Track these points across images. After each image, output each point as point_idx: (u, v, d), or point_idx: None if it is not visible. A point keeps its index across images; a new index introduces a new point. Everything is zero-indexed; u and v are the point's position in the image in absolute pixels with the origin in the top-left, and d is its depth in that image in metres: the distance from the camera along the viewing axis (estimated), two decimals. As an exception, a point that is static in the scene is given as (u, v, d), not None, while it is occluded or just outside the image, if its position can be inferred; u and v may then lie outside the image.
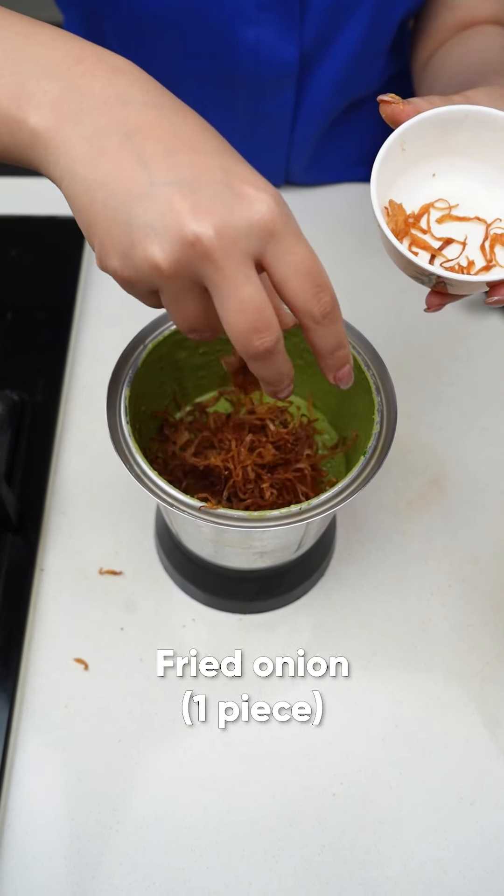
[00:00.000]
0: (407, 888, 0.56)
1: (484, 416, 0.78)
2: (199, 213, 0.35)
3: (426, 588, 0.68)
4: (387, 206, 0.50)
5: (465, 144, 0.50)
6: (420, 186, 0.51)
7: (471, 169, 0.51)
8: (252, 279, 0.37)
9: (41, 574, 0.68)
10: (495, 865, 0.57)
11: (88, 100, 0.38)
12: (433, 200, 0.51)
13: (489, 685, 0.64)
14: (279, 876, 0.56)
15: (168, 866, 0.56)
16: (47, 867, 0.56)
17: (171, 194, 0.36)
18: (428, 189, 0.51)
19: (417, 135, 0.49)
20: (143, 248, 0.36)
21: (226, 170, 0.37)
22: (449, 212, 0.51)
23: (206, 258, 0.36)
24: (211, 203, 0.36)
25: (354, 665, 0.64)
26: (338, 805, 0.59)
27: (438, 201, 0.51)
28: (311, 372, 0.62)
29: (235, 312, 0.37)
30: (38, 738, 0.61)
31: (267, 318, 0.38)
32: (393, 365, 0.59)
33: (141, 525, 0.71)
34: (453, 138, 0.50)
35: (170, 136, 0.37)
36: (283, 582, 0.66)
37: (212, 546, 0.59)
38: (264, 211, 0.36)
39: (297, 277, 0.38)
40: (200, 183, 0.36)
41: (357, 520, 0.72)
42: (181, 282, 0.37)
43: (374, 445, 0.53)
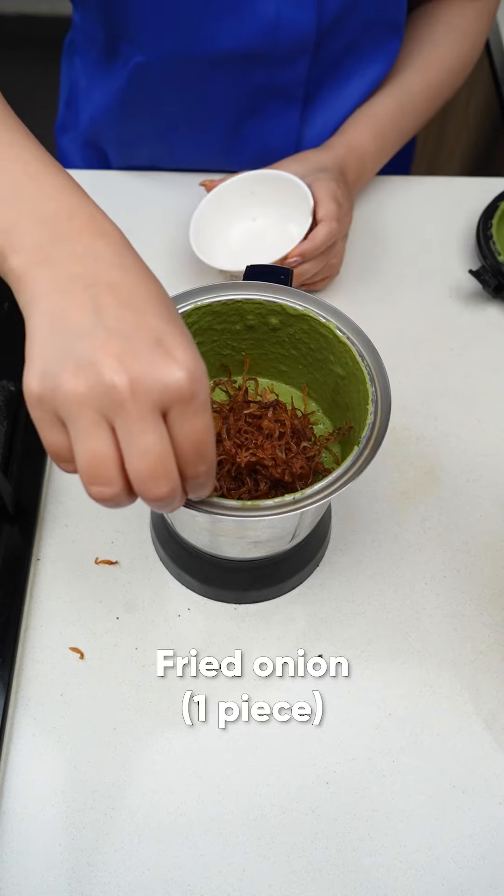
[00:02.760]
0: (399, 875, 0.57)
1: (479, 406, 0.79)
2: (124, 362, 0.39)
3: (420, 578, 0.69)
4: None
5: (270, 195, 0.83)
6: (242, 225, 0.86)
7: (272, 211, 0.84)
8: (158, 430, 0.40)
9: (37, 563, 0.68)
10: (487, 853, 0.57)
11: (68, 252, 0.42)
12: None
13: (482, 674, 0.64)
14: (272, 863, 0.57)
15: (163, 853, 0.57)
16: (43, 854, 0.57)
17: (107, 339, 0.39)
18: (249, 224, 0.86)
19: (232, 191, 0.83)
20: (69, 375, 0.39)
21: (162, 333, 0.40)
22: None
23: (118, 402, 0.39)
24: (137, 356, 0.39)
25: (348, 655, 0.65)
26: (331, 793, 0.59)
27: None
28: (305, 362, 0.63)
29: (137, 456, 0.40)
30: (33, 726, 0.61)
31: (167, 468, 0.41)
32: (388, 356, 0.59)
33: (137, 515, 0.71)
34: (261, 191, 0.84)
35: (125, 295, 0.41)
36: (278, 572, 0.66)
37: (207, 536, 0.59)
38: (179, 379, 0.40)
39: (185, 443, 0.41)
40: (136, 337, 0.40)
41: (352, 510, 0.72)
42: (93, 416, 0.40)
43: (368, 435, 0.53)
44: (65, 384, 0.39)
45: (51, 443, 0.42)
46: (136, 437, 0.40)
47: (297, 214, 0.80)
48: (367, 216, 0.93)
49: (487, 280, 0.83)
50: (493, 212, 0.87)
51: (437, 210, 0.94)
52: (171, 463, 0.41)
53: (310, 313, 0.58)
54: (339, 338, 0.57)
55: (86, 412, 0.39)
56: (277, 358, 0.64)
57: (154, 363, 0.39)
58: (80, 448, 0.41)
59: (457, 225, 0.92)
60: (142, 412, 0.39)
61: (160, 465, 0.40)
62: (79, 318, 0.40)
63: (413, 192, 0.96)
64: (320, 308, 0.58)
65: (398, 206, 0.94)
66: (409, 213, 0.94)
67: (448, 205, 0.94)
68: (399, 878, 0.56)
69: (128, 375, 0.39)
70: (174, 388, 0.39)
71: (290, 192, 0.81)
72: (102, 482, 0.41)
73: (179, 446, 0.41)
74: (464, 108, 1.36)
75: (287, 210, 0.82)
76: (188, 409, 0.40)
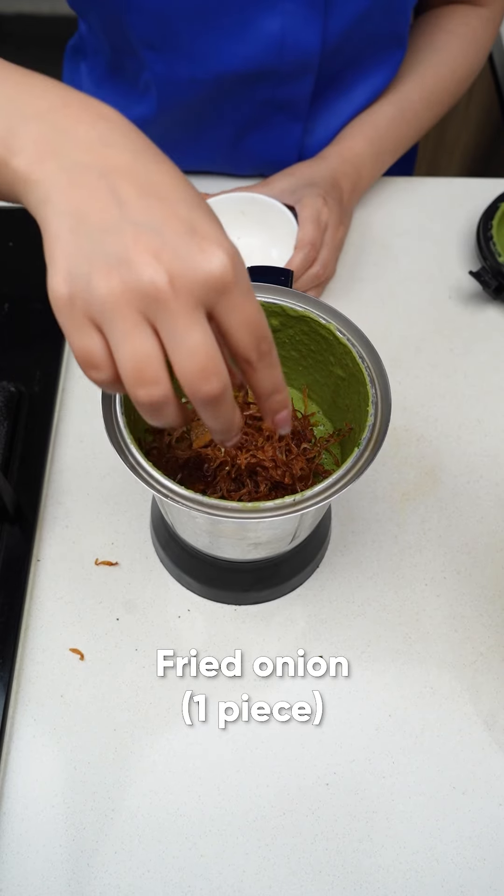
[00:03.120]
0: (399, 876, 0.57)
1: (479, 407, 0.79)
2: (161, 259, 0.37)
3: (420, 579, 0.69)
4: None
5: (257, 218, 0.84)
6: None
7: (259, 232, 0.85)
8: (202, 325, 0.38)
9: (37, 564, 0.68)
10: (487, 854, 0.57)
11: (71, 140, 0.39)
12: None
13: (482, 675, 0.64)
14: (272, 864, 0.57)
15: (163, 854, 0.57)
16: (43, 854, 0.57)
17: (139, 234, 0.37)
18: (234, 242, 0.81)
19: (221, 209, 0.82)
20: (102, 275, 0.37)
21: (192, 221, 0.38)
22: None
23: (161, 301, 0.37)
24: (174, 251, 0.37)
25: (348, 656, 0.65)
26: (331, 794, 0.59)
27: None
28: (305, 364, 0.63)
29: (186, 356, 0.38)
30: (34, 726, 0.61)
31: (216, 364, 0.39)
32: (389, 357, 0.59)
33: (137, 516, 0.71)
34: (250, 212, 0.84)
35: (144, 181, 0.39)
36: (278, 573, 0.66)
37: (207, 537, 0.59)
38: (220, 266, 0.38)
39: (241, 329, 0.40)
40: (167, 230, 0.37)
41: (352, 511, 0.72)
42: (134, 316, 0.38)
43: (369, 437, 0.53)
44: (98, 285, 0.37)
45: (82, 348, 0.39)
46: (183, 336, 0.38)
47: (283, 238, 0.82)
48: (366, 217, 0.93)
49: (487, 281, 0.83)
50: (493, 213, 0.87)
51: (437, 211, 0.94)
52: (220, 358, 0.39)
53: (310, 315, 0.58)
54: (339, 339, 0.57)
55: (126, 312, 0.37)
56: (278, 359, 0.64)
57: (192, 255, 0.37)
58: (123, 351, 0.39)
59: (457, 226, 0.92)
60: (187, 309, 0.37)
61: (210, 361, 0.38)
62: (102, 212, 0.37)
63: (413, 193, 0.96)
64: (320, 309, 0.58)
65: (398, 207, 0.94)
66: (409, 215, 0.94)
67: (448, 206, 0.94)
68: (399, 879, 0.57)
69: (167, 272, 0.37)
70: (218, 277, 0.38)
71: (276, 217, 0.83)
72: (151, 382, 0.39)
73: (235, 334, 0.40)
74: (464, 109, 1.36)
75: (272, 233, 0.84)
76: (235, 294, 0.39)
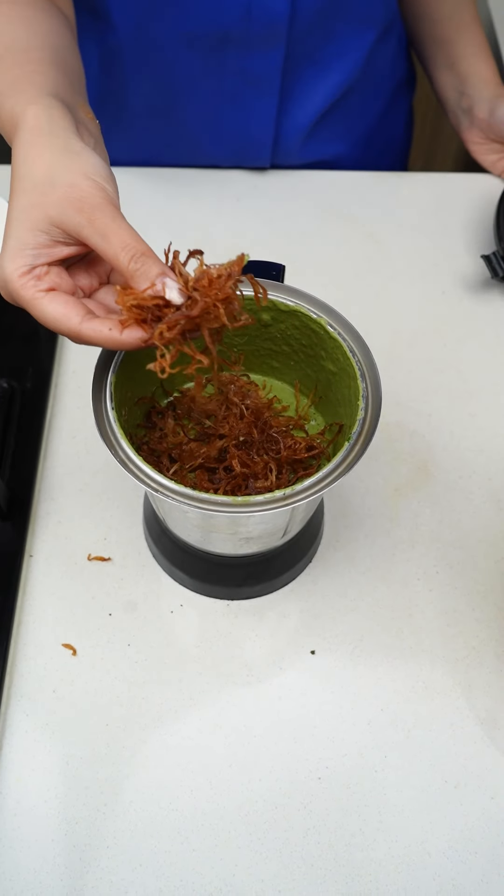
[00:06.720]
0: (391, 870, 0.57)
1: (472, 402, 0.79)
2: None
3: (413, 574, 0.69)
4: None
5: None
6: None
7: None
8: None
9: (30, 560, 0.68)
10: (479, 847, 0.58)
11: None
12: None
13: (475, 670, 0.64)
14: (264, 858, 0.57)
15: (155, 849, 0.57)
16: (36, 849, 0.57)
17: None
18: None
19: None
20: None
21: None
22: None
23: None
24: None
25: (341, 650, 0.65)
26: (323, 788, 0.59)
27: None
28: (297, 358, 0.63)
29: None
30: (26, 722, 0.61)
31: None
32: (382, 352, 0.59)
33: (129, 512, 0.71)
34: None
35: None
36: (270, 568, 0.66)
37: (198, 532, 0.59)
38: None
39: None
40: None
41: (344, 506, 0.72)
42: None
43: (359, 431, 0.53)
44: None
45: None
46: None
47: None
48: (360, 212, 0.93)
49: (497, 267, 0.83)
50: None
51: (431, 206, 0.94)
52: None
53: (301, 309, 0.58)
54: (330, 334, 0.57)
55: None
56: (269, 354, 0.64)
57: None
58: None
59: (451, 221, 0.92)
60: None
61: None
62: None
63: (407, 189, 0.96)
64: (312, 304, 0.58)
65: (392, 202, 0.94)
66: (402, 210, 0.93)
67: (442, 201, 0.94)
68: (391, 872, 0.57)
69: None
70: None
71: None
72: None
73: None
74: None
75: None
76: None
